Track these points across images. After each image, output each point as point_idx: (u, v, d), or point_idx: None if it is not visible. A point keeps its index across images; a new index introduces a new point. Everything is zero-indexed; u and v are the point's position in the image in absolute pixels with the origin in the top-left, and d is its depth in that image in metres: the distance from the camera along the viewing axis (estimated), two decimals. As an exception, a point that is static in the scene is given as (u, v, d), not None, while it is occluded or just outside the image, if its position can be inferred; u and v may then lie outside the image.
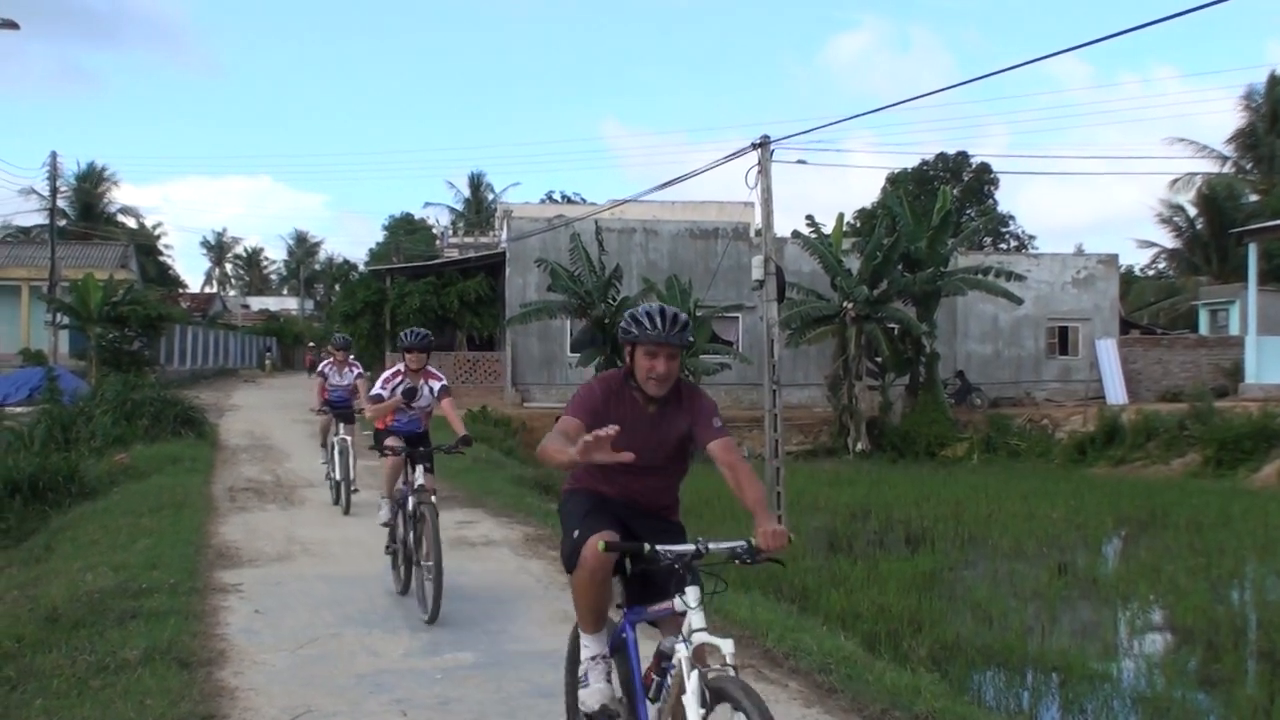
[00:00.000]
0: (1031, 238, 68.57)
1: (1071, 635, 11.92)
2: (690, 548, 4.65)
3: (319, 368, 16.72)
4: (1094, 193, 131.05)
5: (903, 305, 33.86)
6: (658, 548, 4.61)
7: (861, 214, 62.27)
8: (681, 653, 4.49)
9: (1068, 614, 13.04)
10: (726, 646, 4.42)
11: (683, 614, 4.57)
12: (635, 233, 37.96)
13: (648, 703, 4.89)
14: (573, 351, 35.88)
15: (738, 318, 36.83)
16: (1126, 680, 10.31)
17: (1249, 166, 57.19)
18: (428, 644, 8.32)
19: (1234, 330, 42.12)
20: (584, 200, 63.82)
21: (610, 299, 32.06)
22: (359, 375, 16.20)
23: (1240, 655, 11.11)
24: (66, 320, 39.74)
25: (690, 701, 4.38)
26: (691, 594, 4.57)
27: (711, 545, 4.67)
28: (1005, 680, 10.10)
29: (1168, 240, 60.33)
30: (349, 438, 15.47)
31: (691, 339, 5.25)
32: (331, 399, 16.14)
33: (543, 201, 62.77)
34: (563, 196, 69.36)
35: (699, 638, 4.47)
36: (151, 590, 9.59)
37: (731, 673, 4.36)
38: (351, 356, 16.79)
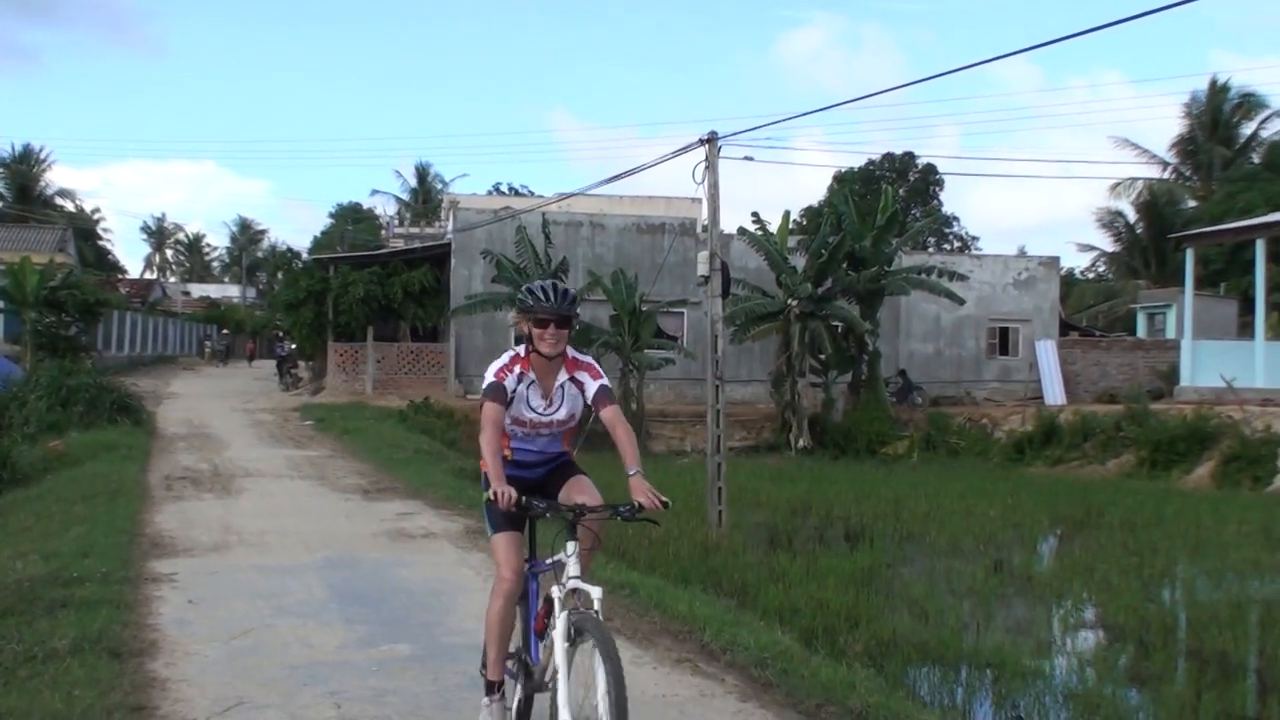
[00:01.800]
0: (975, 239, 69.41)
1: (1006, 632, 12.04)
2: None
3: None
4: (1038, 195, 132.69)
5: (846, 303, 34.07)
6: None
7: (808, 212, 62.62)
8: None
9: (1002, 611, 13.18)
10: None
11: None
12: (582, 226, 37.91)
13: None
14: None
15: (683, 313, 36.89)
16: (1058, 677, 10.43)
17: (1189, 173, 58.13)
18: (364, 636, 8.26)
19: (1170, 334, 42.77)
20: (531, 193, 63.77)
21: (556, 292, 31.99)
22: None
23: (1170, 653, 11.28)
24: (1, 304, 39.08)
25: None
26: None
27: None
28: (940, 676, 10.18)
29: (1108, 244, 61.26)
30: None
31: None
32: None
33: (490, 193, 62.59)
34: (510, 188, 69.25)
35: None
36: (83, 579, 9.46)
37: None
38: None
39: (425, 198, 76.99)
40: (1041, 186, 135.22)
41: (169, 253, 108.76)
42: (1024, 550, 17.15)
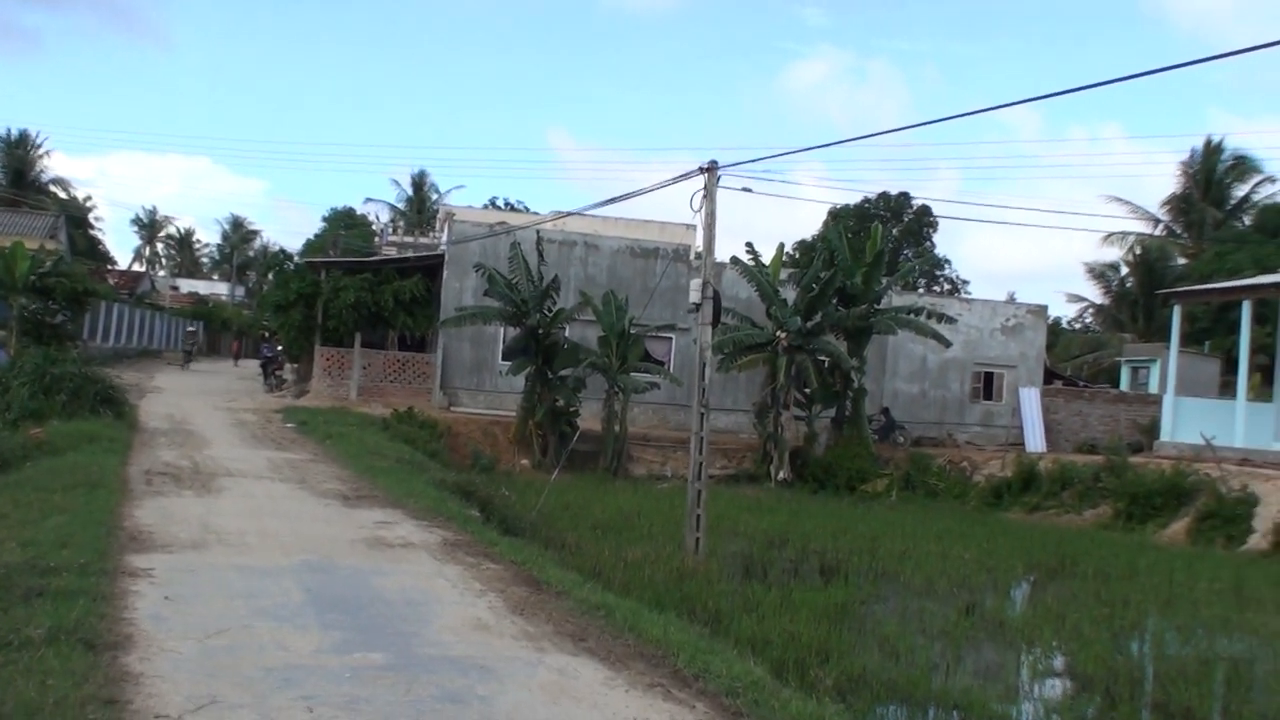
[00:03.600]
0: (965, 282, 69.66)
1: (975, 675, 12.13)
2: None
3: None
4: (1031, 243, 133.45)
5: (834, 339, 34.22)
6: None
7: (801, 245, 62.86)
8: None
9: (973, 654, 13.27)
10: None
11: None
12: (576, 245, 38.00)
13: None
14: (505, 359, 35.82)
15: (671, 338, 36.99)
16: (1024, 722, 10.51)
17: (1180, 231, 58.51)
18: (339, 642, 8.29)
19: (1153, 388, 43.00)
20: (527, 209, 63.89)
21: (546, 310, 32.10)
22: None
23: (1135, 706, 11.37)
24: (-10, 289, 38.92)
25: None
26: None
27: None
28: (908, 715, 10.26)
29: (1097, 296, 61.59)
30: None
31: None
32: None
33: (486, 207, 62.69)
34: (506, 204, 69.35)
35: None
36: (60, 569, 9.46)
37: None
38: None
39: (420, 207, 77.03)
40: (1034, 234, 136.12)
41: (159, 246, 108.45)
42: (997, 595, 17.26)
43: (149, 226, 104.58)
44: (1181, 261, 56.42)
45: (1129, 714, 11.03)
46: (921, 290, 55.38)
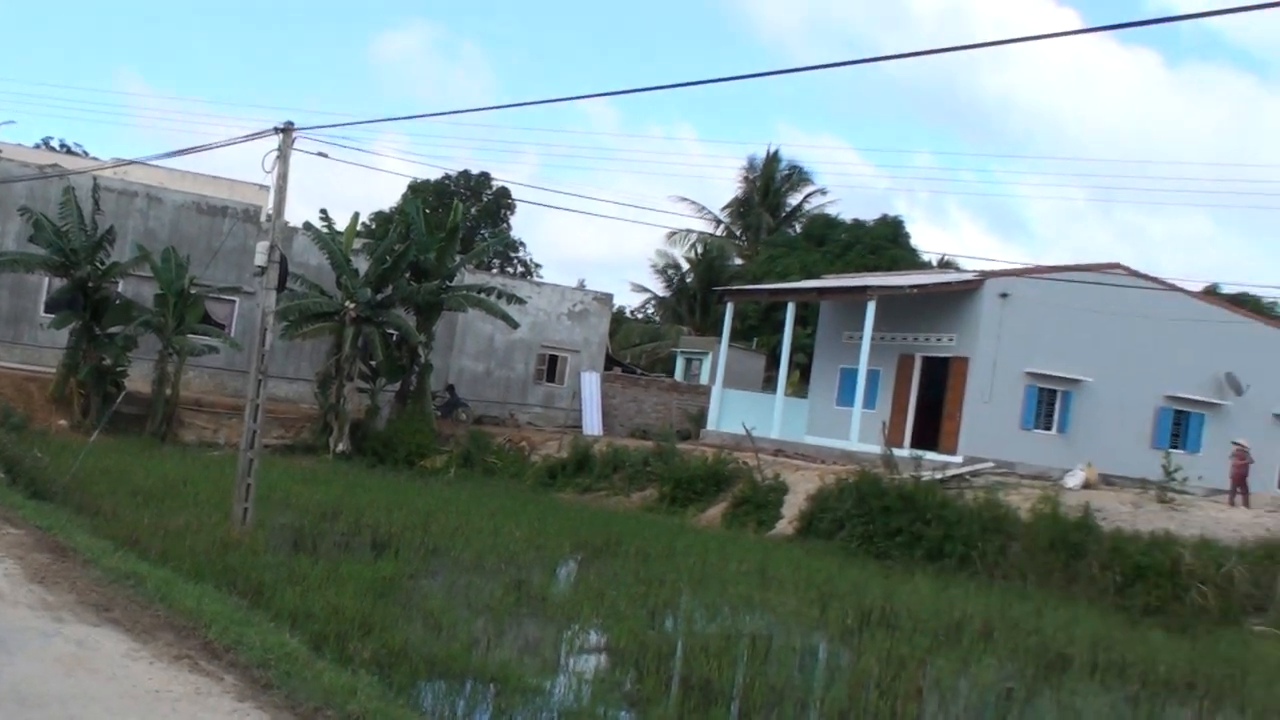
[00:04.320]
0: (539, 266, 70.90)
1: (515, 650, 12.46)
2: None
3: None
4: (605, 233, 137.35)
5: (404, 313, 34.11)
6: None
7: (379, 217, 62.04)
8: None
9: (515, 630, 13.62)
10: None
11: None
12: (137, 197, 35.85)
13: None
14: (48, 312, 33.29)
15: (235, 301, 35.55)
16: (558, 695, 10.90)
17: (739, 233, 62.30)
18: None
19: (705, 380, 45.63)
20: (86, 153, 59.58)
21: (99, 262, 30.12)
22: None
23: (661, 678, 12.01)
24: None
25: None
26: None
27: None
28: (446, 688, 10.39)
29: (660, 288, 64.52)
30: None
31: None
32: None
33: (38, 147, 57.92)
34: (63, 145, 64.37)
35: None
36: None
37: None
38: None
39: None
40: (608, 225, 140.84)
41: None
42: (543, 572, 17.77)
43: None
44: (738, 262, 60.12)
45: (655, 686, 11.64)
46: (496, 270, 56.07)
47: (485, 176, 65.67)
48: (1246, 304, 43.37)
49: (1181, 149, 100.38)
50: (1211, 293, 44.65)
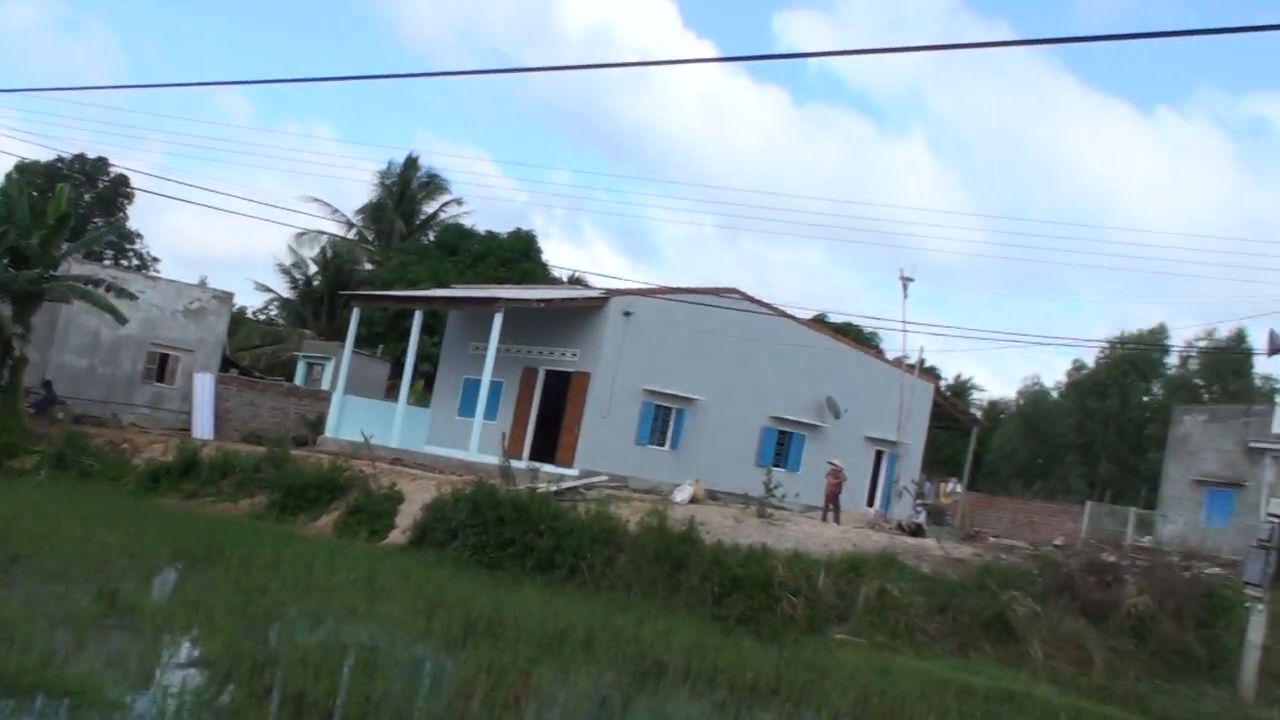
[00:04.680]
0: (156, 260, 67.36)
1: (99, 662, 11.82)
2: None
3: None
4: (232, 230, 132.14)
5: (1, 301, 31.77)
6: None
7: (-19, 197, 57.35)
8: None
9: (101, 641, 12.92)
10: None
11: None
12: None
13: None
14: None
15: None
16: (141, 708, 10.42)
17: (371, 237, 61.53)
18: None
19: (327, 385, 44.72)
20: None
21: None
22: None
23: (254, 688, 11.67)
24: None
25: None
26: None
27: None
28: (14, 705, 9.74)
29: (285, 289, 62.79)
30: None
31: None
32: None
33: None
34: None
35: None
36: None
37: None
38: None
39: None
40: (237, 222, 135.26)
41: None
42: (137, 581, 16.91)
43: None
44: (369, 267, 59.41)
45: (247, 696, 11.30)
46: (108, 262, 53.03)
47: (103, 161, 61.99)
48: (849, 333, 46.68)
49: (803, 183, 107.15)
50: (819, 321, 47.84)
